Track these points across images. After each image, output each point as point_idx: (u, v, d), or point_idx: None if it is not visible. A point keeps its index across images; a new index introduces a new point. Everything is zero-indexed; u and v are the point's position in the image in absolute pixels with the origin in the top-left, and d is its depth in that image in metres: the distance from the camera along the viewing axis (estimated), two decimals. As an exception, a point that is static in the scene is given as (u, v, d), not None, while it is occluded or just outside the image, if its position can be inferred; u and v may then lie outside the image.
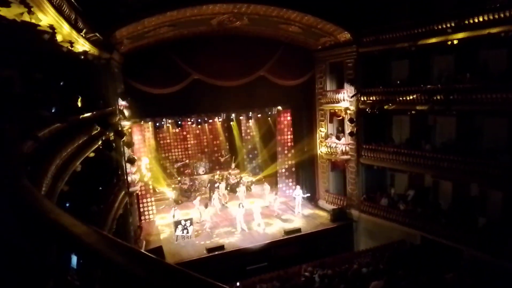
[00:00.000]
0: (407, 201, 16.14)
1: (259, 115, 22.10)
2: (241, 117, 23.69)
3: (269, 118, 22.57)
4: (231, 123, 23.80)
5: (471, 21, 12.30)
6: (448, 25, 13.02)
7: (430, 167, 14.61)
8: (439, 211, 14.69)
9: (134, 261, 1.20)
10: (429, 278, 10.91)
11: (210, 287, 1.19)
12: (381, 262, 12.62)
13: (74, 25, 8.18)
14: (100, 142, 10.46)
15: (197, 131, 24.33)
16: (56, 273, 1.11)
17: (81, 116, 8.89)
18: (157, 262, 1.21)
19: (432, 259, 12.59)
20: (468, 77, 13.41)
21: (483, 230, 12.78)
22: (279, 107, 20.74)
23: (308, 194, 19.26)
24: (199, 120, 20.70)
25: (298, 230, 16.47)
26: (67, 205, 8.22)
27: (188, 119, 21.05)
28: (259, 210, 17.16)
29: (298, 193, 18.64)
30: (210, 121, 22.81)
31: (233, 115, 21.62)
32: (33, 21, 6.16)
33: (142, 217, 18.46)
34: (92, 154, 9.67)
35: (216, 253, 14.80)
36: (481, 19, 12.00)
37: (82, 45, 9.57)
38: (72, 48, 8.83)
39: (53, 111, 7.01)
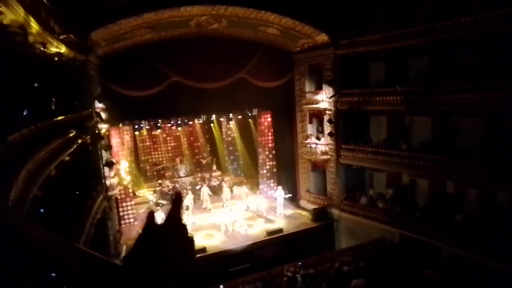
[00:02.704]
0: (386, 199, 16.42)
1: (239, 117, 22.09)
2: (221, 119, 23.63)
3: (249, 120, 22.60)
4: (212, 125, 23.69)
5: (444, 24, 12.66)
6: (422, 27, 13.36)
7: (407, 166, 14.93)
8: (416, 208, 15.02)
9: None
10: (409, 275, 11.13)
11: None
12: (362, 260, 12.81)
13: (45, 25, 7.99)
14: (76, 146, 10.23)
15: (177, 134, 24.11)
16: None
17: (55, 119, 8.67)
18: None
19: (411, 256, 12.85)
20: (443, 78, 13.78)
21: (459, 227, 13.12)
22: (260, 109, 20.79)
23: (290, 195, 19.36)
24: (179, 122, 20.53)
25: (280, 230, 16.54)
26: (42, 210, 8.01)
27: (168, 122, 20.84)
28: (242, 211, 17.10)
29: (280, 193, 18.71)
30: (190, 123, 22.66)
31: (214, 117, 21.54)
32: None
33: (122, 221, 18.14)
34: (67, 158, 9.44)
35: (198, 255, 14.67)
36: (454, 21, 12.37)
37: (56, 47, 9.35)
38: (45, 50, 8.61)
39: (24, 114, 6.82)
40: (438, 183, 14.91)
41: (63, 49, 9.90)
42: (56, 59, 9.62)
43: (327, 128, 17.95)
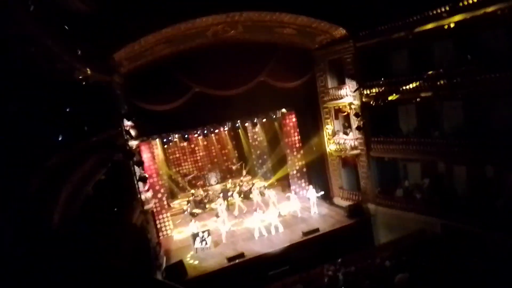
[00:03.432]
0: (423, 189, 15.94)
1: (264, 120, 22.12)
2: (246, 124, 23.76)
3: (274, 122, 22.58)
4: (238, 131, 23.83)
5: (466, 3, 12.20)
6: (443, 9, 12.93)
7: (442, 154, 14.44)
8: (455, 197, 14.48)
9: None
10: (453, 266, 10.74)
11: None
12: (403, 254, 12.45)
13: (71, 51, 8.32)
14: (109, 165, 10.56)
15: (205, 143, 24.45)
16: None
17: (88, 140, 8.99)
18: None
19: (454, 245, 12.40)
20: (469, 59, 13.26)
21: (502, 212, 12.54)
22: (283, 110, 20.75)
23: (322, 192, 19.13)
24: (205, 132, 20.79)
25: (316, 230, 16.37)
26: (84, 228, 8.30)
27: (195, 132, 21.16)
28: (275, 214, 17.07)
29: (312, 193, 18.55)
30: (216, 131, 22.90)
31: (238, 122, 21.66)
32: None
33: (160, 233, 18.54)
34: (102, 177, 9.76)
35: (237, 261, 14.76)
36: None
37: (82, 72, 9.71)
38: (73, 75, 8.97)
39: (60, 139, 7.11)
40: (476, 168, 14.32)
41: (89, 72, 10.27)
42: (83, 83, 9.98)
43: (355, 122, 17.66)
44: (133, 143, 15.27)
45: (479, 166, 14.11)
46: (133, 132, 14.73)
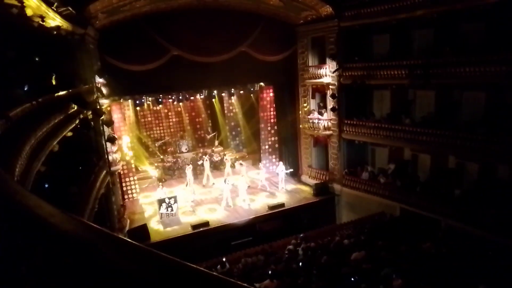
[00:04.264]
0: (387, 174, 16.50)
1: (241, 92, 21.89)
2: (223, 94, 23.44)
3: (251, 95, 22.40)
4: (213, 100, 23.53)
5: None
6: (428, -2, 13.01)
7: (410, 141, 14.91)
8: (417, 183, 15.11)
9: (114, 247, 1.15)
10: (408, 248, 11.32)
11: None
12: (362, 234, 12.99)
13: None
14: (77, 121, 10.20)
15: (179, 109, 23.99)
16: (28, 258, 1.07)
17: (56, 94, 8.61)
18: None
19: (410, 229, 13.02)
20: (447, 51, 13.53)
21: (459, 201, 13.23)
22: (262, 83, 20.58)
23: (291, 170, 19.46)
24: (180, 97, 20.37)
25: (282, 205, 16.72)
26: (46, 186, 8.09)
27: (169, 97, 20.69)
28: (244, 186, 17.27)
29: (281, 169, 18.81)
30: (192, 98, 22.49)
31: (215, 92, 21.34)
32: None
33: (126, 196, 18.38)
34: (69, 134, 9.44)
35: (201, 229, 14.93)
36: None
37: (54, 20, 9.15)
38: (44, 23, 8.44)
39: (25, 89, 6.76)
40: (439, 157, 14.93)
41: (61, 22, 9.71)
42: (54, 32, 9.43)
43: (330, 103, 17.80)
44: (104, 102, 14.79)
45: (443, 156, 14.71)
46: (104, 90, 14.22)
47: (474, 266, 9.84)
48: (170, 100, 21.72)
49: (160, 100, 20.02)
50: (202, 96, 22.55)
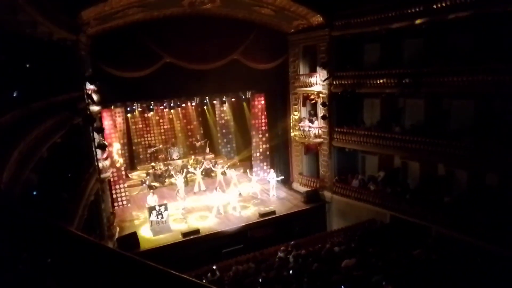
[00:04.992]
0: (377, 182, 16.62)
1: (233, 100, 21.95)
2: (214, 102, 23.47)
3: (243, 102, 22.47)
4: (205, 107, 23.54)
5: (438, 6, 12.59)
6: (417, 9, 13.27)
7: (399, 149, 15.06)
8: (407, 190, 15.24)
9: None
10: (398, 255, 11.37)
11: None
12: (353, 241, 13.02)
13: (35, 3, 7.77)
14: (67, 128, 10.12)
15: (170, 116, 23.95)
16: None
17: (46, 100, 8.55)
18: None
19: (400, 236, 13.10)
20: (436, 61, 13.79)
21: (448, 208, 13.37)
22: (253, 91, 20.68)
23: (282, 177, 19.49)
24: (172, 105, 20.35)
25: (273, 212, 16.70)
26: (35, 193, 7.98)
27: (161, 104, 20.65)
28: (235, 194, 17.19)
29: (272, 176, 18.83)
30: (183, 105, 22.48)
31: (207, 99, 21.37)
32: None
33: (115, 204, 18.19)
34: (59, 140, 9.36)
35: (192, 237, 14.82)
36: (448, 3, 12.30)
37: (45, 26, 9.13)
38: (35, 29, 8.42)
39: (15, 95, 6.71)
40: (429, 165, 15.10)
41: (53, 28, 9.68)
42: (46, 39, 9.40)
43: (321, 111, 17.94)
44: (95, 109, 14.69)
45: (432, 164, 14.89)
46: (95, 97, 14.13)
47: (464, 273, 9.92)
48: (162, 107, 21.68)
49: (151, 107, 19.98)
50: (193, 104, 22.57)
